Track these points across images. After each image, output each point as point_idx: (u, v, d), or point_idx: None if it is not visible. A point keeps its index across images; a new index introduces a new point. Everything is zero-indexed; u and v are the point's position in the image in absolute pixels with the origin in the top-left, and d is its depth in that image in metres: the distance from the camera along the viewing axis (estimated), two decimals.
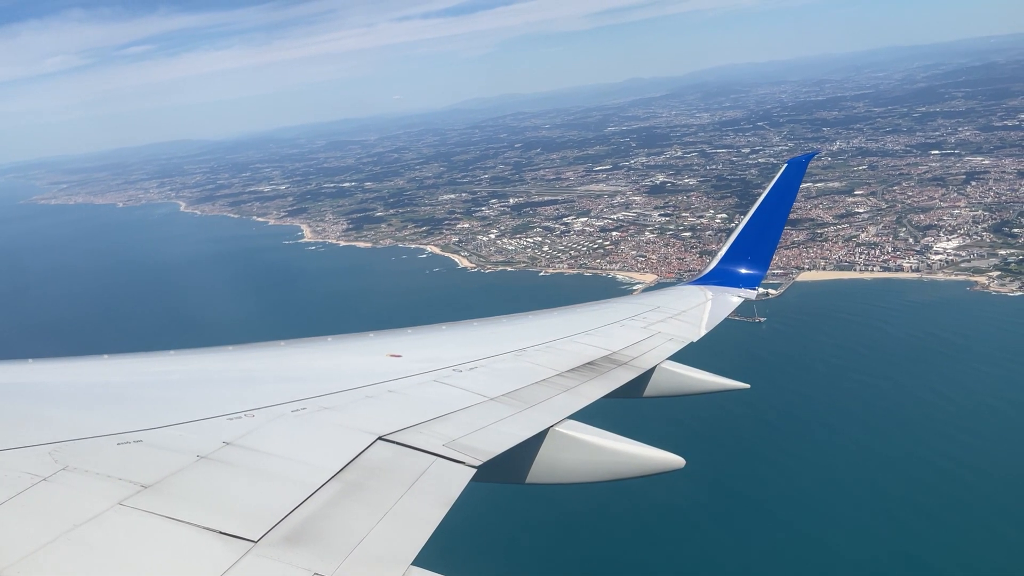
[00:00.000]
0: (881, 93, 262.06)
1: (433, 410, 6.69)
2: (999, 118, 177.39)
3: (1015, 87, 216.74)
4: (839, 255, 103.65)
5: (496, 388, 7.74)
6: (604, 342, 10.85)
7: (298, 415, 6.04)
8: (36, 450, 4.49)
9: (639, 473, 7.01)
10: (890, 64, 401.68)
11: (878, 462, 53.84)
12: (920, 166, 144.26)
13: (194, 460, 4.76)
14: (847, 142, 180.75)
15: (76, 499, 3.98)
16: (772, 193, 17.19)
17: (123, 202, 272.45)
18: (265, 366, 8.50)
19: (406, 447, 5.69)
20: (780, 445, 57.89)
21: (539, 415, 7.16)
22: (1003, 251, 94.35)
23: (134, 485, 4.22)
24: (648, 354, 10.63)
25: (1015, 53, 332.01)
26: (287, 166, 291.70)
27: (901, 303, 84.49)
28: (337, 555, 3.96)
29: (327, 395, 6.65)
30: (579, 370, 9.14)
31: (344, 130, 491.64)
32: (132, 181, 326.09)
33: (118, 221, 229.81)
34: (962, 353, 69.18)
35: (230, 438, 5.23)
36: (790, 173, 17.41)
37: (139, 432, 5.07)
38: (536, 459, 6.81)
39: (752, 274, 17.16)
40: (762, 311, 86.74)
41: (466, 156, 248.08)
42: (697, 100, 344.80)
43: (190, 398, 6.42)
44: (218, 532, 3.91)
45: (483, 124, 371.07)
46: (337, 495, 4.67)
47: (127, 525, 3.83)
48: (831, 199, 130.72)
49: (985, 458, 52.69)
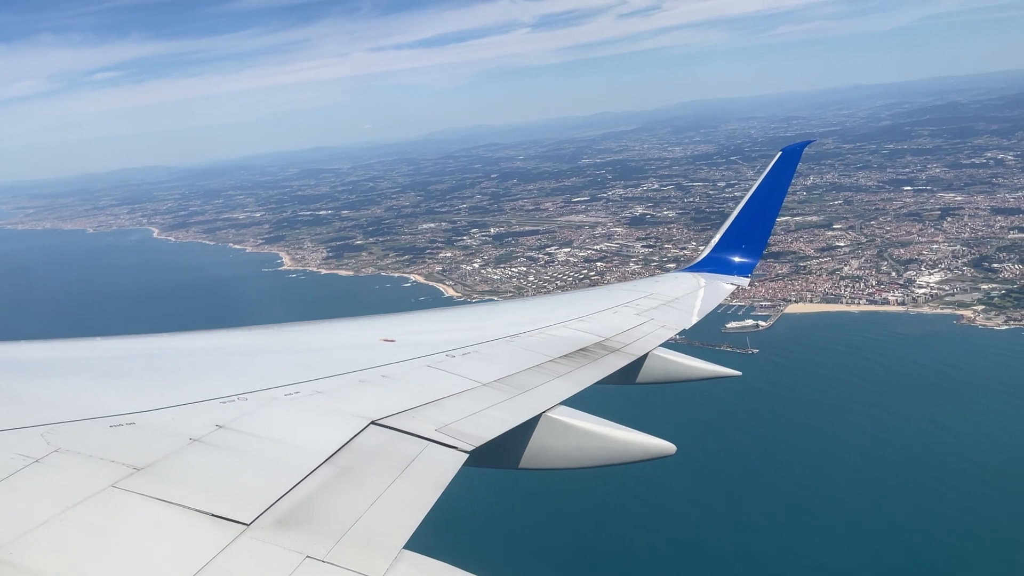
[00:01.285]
0: (848, 130, 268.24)
1: (426, 395, 6.69)
2: (966, 156, 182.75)
3: (978, 126, 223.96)
4: (824, 288, 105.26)
5: (489, 374, 7.76)
6: (597, 328, 10.90)
7: (291, 399, 6.03)
8: (28, 431, 4.47)
9: (630, 459, 7.10)
10: (854, 102, 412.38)
11: (882, 489, 54.55)
12: (895, 201, 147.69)
13: (187, 443, 4.75)
14: (820, 177, 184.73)
15: (69, 481, 3.96)
16: (765, 182, 17.17)
17: (93, 228, 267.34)
18: (258, 350, 8.45)
19: (399, 432, 5.70)
20: (783, 470, 58.23)
21: (531, 401, 7.20)
22: (985, 285, 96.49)
23: (127, 467, 4.21)
24: (641, 341, 10.68)
25: (975, 93, 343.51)
26: (260, 193, 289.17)
27: (891, 336, 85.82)
28: (329, 538, 3.98)
29: (320, 379, 6.64)
30: (572, 356, 9.17)
31: (316, 158, 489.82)
32: (101, 207, 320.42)
33: (90, 247, 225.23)
34: (957, 385, 70.34)
35: (223, 421, 5.23)
36: (784, 161, 17.28)
37: (132, 415, 5.05)
38: (528, 444, 6.86)
39: (745, 262, 17.18)
40: (753, 343, 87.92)
41: (442, 186, 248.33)
42: (668, 134, 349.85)
43: (183, 381, 6.37)
44: (211, 515, 3.90)
45: (456, 154, 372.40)
46: (330, 479, 4.68)
47: (120, 507, 3.82)
48: (811, 233, 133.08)
49: (989, 487, 53.44)
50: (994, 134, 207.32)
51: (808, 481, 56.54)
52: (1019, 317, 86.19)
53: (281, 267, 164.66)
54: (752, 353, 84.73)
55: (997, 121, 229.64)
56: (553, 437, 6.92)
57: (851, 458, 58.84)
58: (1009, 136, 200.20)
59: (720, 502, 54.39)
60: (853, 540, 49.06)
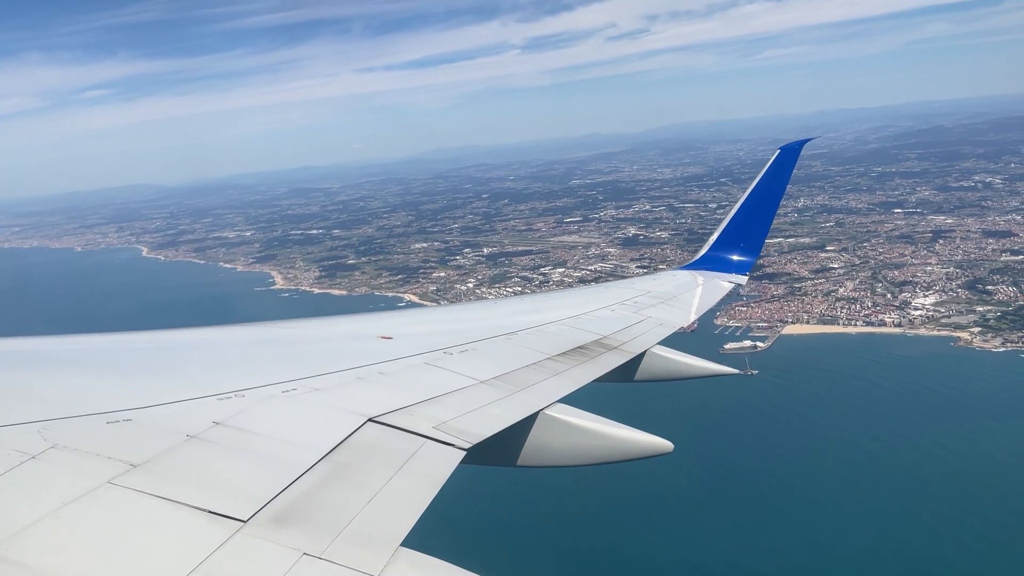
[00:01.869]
0: (836, 153, 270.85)
1: (424, 392, 6.71)
2: (954, 179, 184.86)
3: (964, 149, 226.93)
4: (821, 309, 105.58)
5: (486, 371, 7.78)
6: (595, 326, 10.96)
7: (288, 396, 6.02)
8: (25, 428, 4.46)
9: (628, 457, 7.12)
10: (840, 125, 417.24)
11: (890, 512, 54.26)
12: (886, 224, 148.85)
13: (184, 440, 4.74)
14: (811, 199, 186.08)
15: (65, 477, 3.95)
16: (764, 180, 17.16)
17: (81, 246, 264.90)
18: (255, 347, 8.45)
19: (396, 429, 5.71)
20: (791, 496, 57.94)
21: (529, 398, 7.23)
22: (980, 307, 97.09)
23: (123, 464, 4.21)
24: (638, 339, 10.76)
25: (959, 117, 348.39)
26: (250, 212, 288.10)
27: (891, 357, 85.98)
28: (326, 535, 3.97)
29: (318, 376, 6.64)
30: (569, 354, 9.20)
31: (305, 178, 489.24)
32: (88, 225, 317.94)
33: (79, 266, 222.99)
34: (959, 407, 70.39)
35: (220, 418, 5.22)
36: (782, 160, 17.27)
37: (129, 411, 5.04)
38: (526, 442, 6.88)
39: (743, 260, 17.19)
40: (752, 364, 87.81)
41: (433, 205, 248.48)
42: (657, 156, 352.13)
43: (180, 378, 6.37)
44: (207, 511, 3.89)
45: (446, 174, 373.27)
46: (327, 476, 4.67)
47: (116, 504, 3.81)
48: (804, 254, 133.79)
49: (999, 509, 53.42)
50: (980, 157, 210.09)
51: (818, 505, 56.24)
52: (1016, 339, 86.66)
53: (273, 286, 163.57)
54: (752, 374, 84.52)
55: (983, 145, 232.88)
56: (551, 435, 6.95)
57: (861, 481, 58.62)
58: (995, 160, 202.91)
59: (727, 525, 54.07)
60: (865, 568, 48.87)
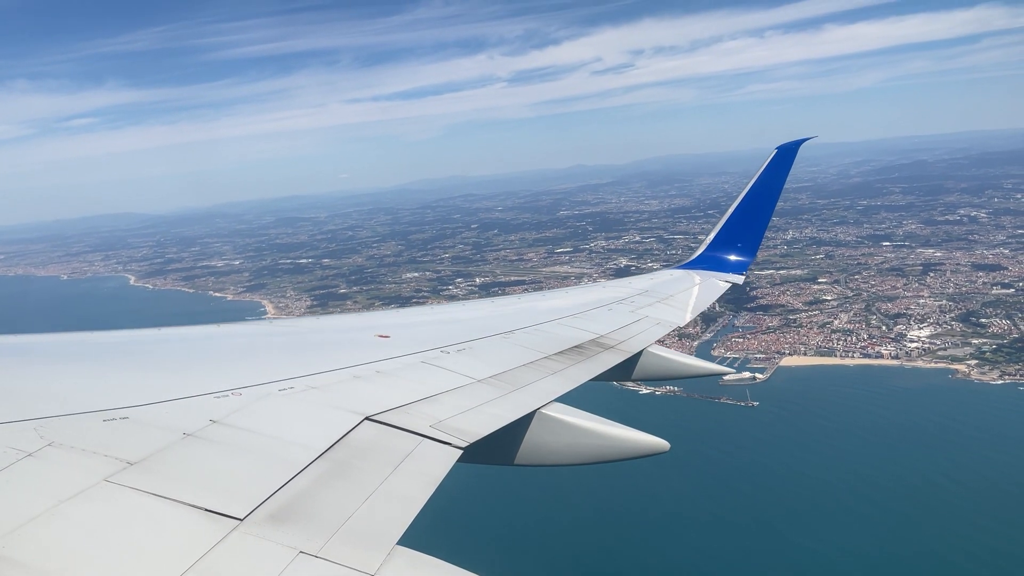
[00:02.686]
0: (820, 186, 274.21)
1: (420, 391, 6.73)
2: (940, 213, 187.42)
3: (948, 184, 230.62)
4: (817, 341, 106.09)
5: (483, 370, 7.80)
6: (591, 325, 11.00)
7: (285, 394, 6.03)
8: (21, 425, 4.46)
9: (625, 456, 7.17)
10: (822, 159, 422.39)
11: (904, 543, 54.31)
12: (875, 256, 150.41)
13: (180, 437, 4.75)
14: (799, 231, 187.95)
15: (61, 475, 3.96)
16: (761, 180, 17.19)
17: (67, 274, 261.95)
18: (252, 345, 8.49)
19: (393, 428, 5.73)
20: (802, 528, 57.73)
21: (526, 397, 7.24)
22: (975, 340, 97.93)
23: (120, 462, 4.21)
24: (635, 338, 10.84)
25: (940, 152, 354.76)
26: (238, 241, 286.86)
27: (892, 389, 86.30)
28: (323, 534, 3.98)
29: (315, 374, 6.65)
30: (566, 353, 9.23)
31: (292, 207, 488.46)
32: (74, 253, 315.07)
33: (66, 294, 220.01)
34: (964, 439, 70.72)
35: (217, 416, 5.24)
36: (779, 159, 17.26)
37: (125, 409, 5.05)
38: (523, 441, 6.93)
39: (740, 260, 17.28)
40: (752, 396, 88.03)
41: (423, 235, 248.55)
42: (643, 188, 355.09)
43: (176, 376, 6.39)
44: (204, 510, 3.90)
45: (434, 204, 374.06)
46: (324, 474, 4.68)
47: (113, 502, 3.82)
48: (797, 286, 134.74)
49: (1011, 543, 53.46)
50: (964, 192, 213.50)
51: (829, 538, 56.04)
52: (1013, 372, 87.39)
53: (265, 316, 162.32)
54: (752, 406, 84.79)
55: (965, 180, 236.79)
56: (547, 433, 6.98)
57: (872, 513, 58.55)
58: (979, 194, 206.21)
59: (738, 555, 53.83)
60: None
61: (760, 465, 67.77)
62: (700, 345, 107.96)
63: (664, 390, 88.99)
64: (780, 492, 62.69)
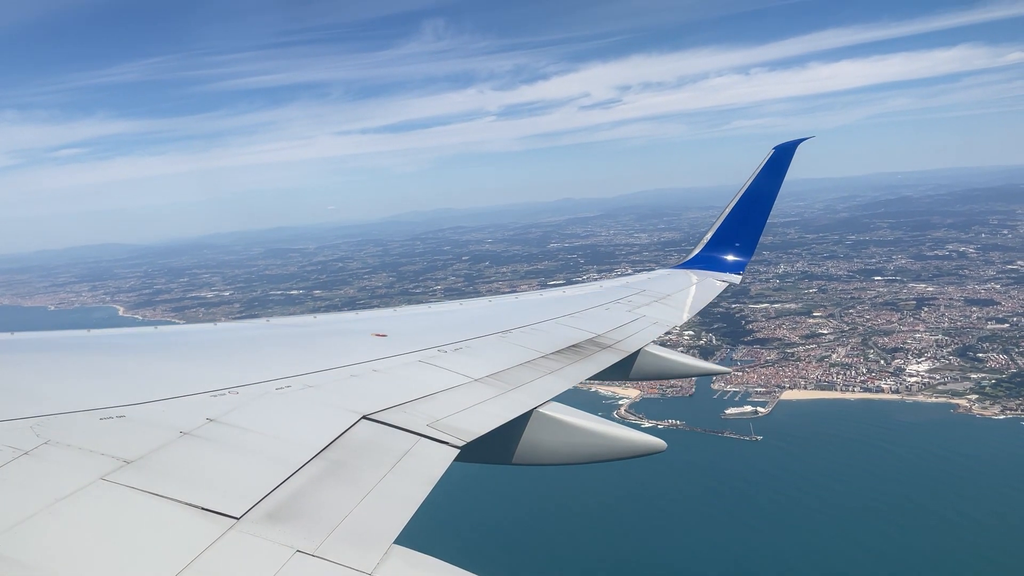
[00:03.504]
0: (808, 221, 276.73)
1: (417, 390, 6.74)
2: (928, 248, 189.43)
3: (934, 220, 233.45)
4: (817, 375, 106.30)
5: (480, 369, 7.83)
6: (589, 325, 11.05)
7: (282, 393, 6.05)
8: (18, 423, 4.47)
9: (621, 455, 7.18)
10: (808, 195, 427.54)
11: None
12: (868, 291, 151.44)
13: (177, 436, 4.76)
14: (791, 265, 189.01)
15: (58, 473, 3.96)
16: (758, 179, 17.21)
17: (54, 305, 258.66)
18: (249, 344, 8.43)
19: (390, 426, 5.73)
20: (823, 567, 57.20)
21: (523, 396, 7.27)
22: (974, 375, 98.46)
23: (117, 460, 4.21)
24: (632, 337, 10.87)
25: (924, 188, 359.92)
26: (227, 272, 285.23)
27: (895, 424, 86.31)
28: (319, 533, 3.98)
29: (311, 373, 6.68)
30: (564, 352, 9.26)
31: (279, 238, 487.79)
32: (60, 284, 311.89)
33: (54, 324, 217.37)
34: (971, 474, 70.74)
35: (213, 415, 5.24)
36: (777, 159, 17.30)
37: (122, 407, 5.05)
38: (520, 440, 6.93)
39: (738, 260, 17.26)
40: (756, 430, 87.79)
41: (414, 267, 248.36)
42: (632, 221, 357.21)
43: (173, 374, 6.39)
44: (200, 508, 3.90)
45: (423, 236, 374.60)
46: (320, 473, 4.68)
47: (109, 500, 3.82)
48: (792, 320, 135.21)
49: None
50: (951, 227, 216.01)
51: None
52: (1014, 407, 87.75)
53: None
54: (756, 440, 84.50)
55: (951, 215, 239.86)
56: (544, 432, 6.99)
57: (889, 550, 58.13)
58: (966, 230, 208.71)
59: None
60: None
61: (773, 502, 67.21)
62: (699, 379, 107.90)
63: (667, 423, 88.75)
64: (796, 530, 62.10)
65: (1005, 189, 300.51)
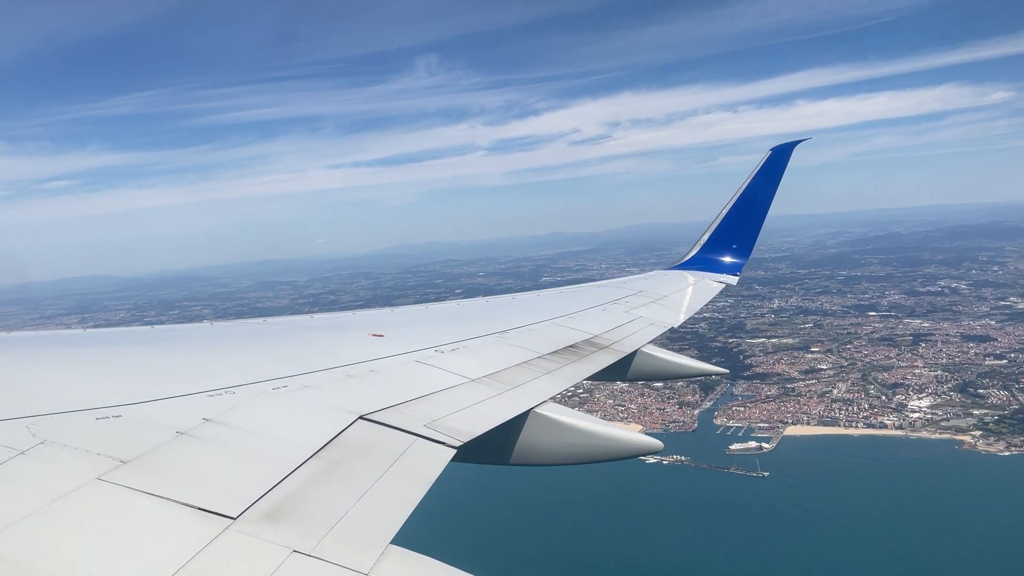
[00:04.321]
0: (798, 256, 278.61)
1: (415, 390, 6.75)
2: (920, 284, 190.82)
3: (924, 256, 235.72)
4: (819, 410, 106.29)
5: (478, 369, 7.85)
6: (586, 326, 11.10)
7: (279, 393, 6.06)
8: (14, 423, 4.48)
9: (618, 455, 7.19)
10: (796, 230, 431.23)
11: None
12: (864, 326, 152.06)
13: (173, 436, 4.76)
14: (785, 300, 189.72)
15: (54, 473, 3.97)
16: (755, 180, 17.28)
17: None
18: (246, 344, 8.47)
19: (387, 427, 5.74)
20: None
21: (520, 397, 7.30)
22: (976, 411, 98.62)
23: (113, 460, 4.21)
24: (629, 338, 10.93)
25: (912, 225, 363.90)
26: (218, 304, 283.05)
27: (901, 460, 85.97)
28: (316, 533, 3.98)
29: (308, 373, 6.70)
30: (561, 353, 9.29)
31: (269, 271, 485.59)
32: (48, 316, 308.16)
33: None
34: (982, 510, 70.37)
35: (210, 415, 5.25)
36: (774, 160, 17.35)
37: (118, 407, 5.06)
38: (517, 440, 6.95)
39: (735, 261, 17.43)
40: (762, 465, 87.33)
41: (407, 300, 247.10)
42: (623, 255, 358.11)
43: (170, 374, 6.41)
44: (197, 508, 3.91)
45: (415, 269, 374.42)
46: (317, 473, 4.69)
47: (105, 500, 3.83)
48: (790, 355, 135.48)
49: None
50: (941, 263, 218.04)
51: None
52: (1019, 443, 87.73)
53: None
54: (763, 476, 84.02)
55: (941, 252, 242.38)
56: (541, 433, 6.99)
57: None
58: (956, 266, 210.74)
59: None
60: None
61: (787, 540, 66.69)
62: (701, 414, 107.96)
63: (671, 459, 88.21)
64: (811, 567, 61.55)
65: (992, 226, 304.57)
